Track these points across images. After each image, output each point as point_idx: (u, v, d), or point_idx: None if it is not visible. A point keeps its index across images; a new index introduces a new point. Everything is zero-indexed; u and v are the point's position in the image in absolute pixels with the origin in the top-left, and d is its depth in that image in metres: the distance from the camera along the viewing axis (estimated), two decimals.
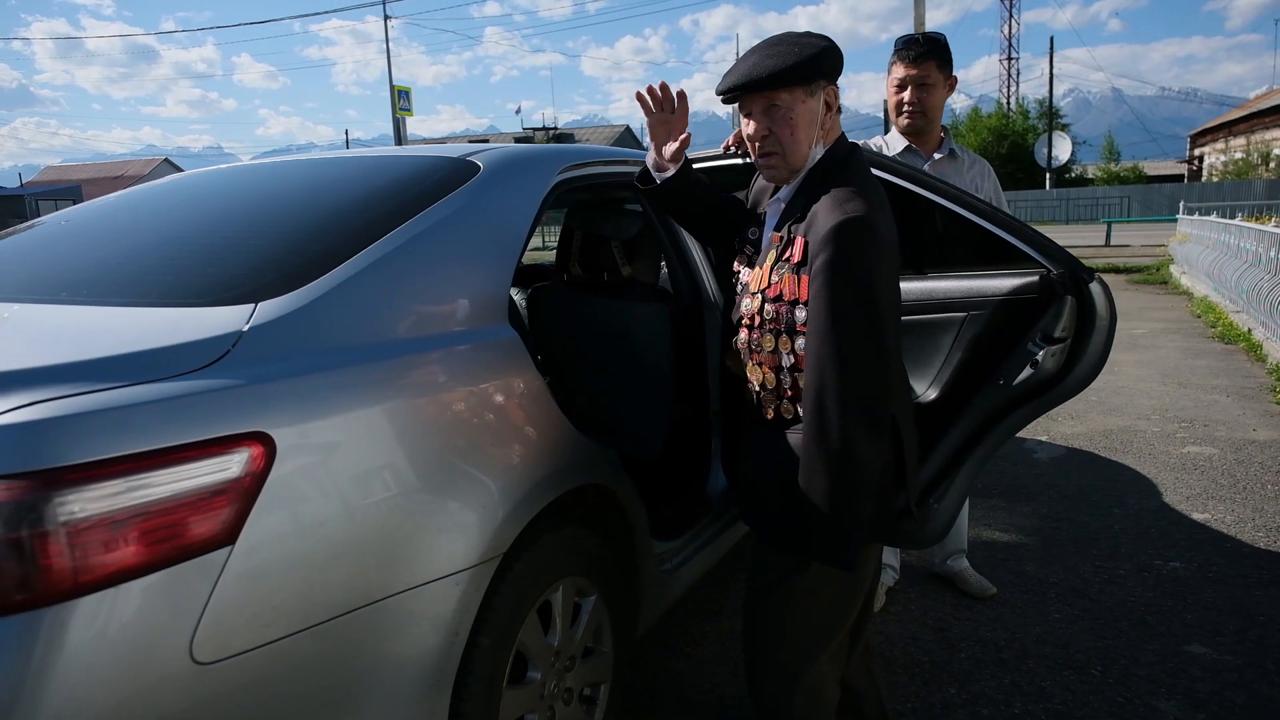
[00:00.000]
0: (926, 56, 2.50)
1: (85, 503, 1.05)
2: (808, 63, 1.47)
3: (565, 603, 1.77)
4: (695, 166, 2.35)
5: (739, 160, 2.24)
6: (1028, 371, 1.95)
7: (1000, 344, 2.01)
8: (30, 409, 1.06)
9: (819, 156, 1.53)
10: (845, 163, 1.52)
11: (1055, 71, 35.77)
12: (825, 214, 1.40)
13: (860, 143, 2.68)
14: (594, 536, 1.84)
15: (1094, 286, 1.90)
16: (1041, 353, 1.92)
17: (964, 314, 2.10)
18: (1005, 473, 4.09)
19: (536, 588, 1.64)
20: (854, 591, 1.58)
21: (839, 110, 1.56)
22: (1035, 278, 1.94)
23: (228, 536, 1.15)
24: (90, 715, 1.03)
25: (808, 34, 1.55)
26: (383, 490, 1.34)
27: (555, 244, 2.80)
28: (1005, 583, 2.93)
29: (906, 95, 2.56)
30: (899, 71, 2.56)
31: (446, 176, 1.83)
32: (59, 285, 1.64)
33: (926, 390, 2.14)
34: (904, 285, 2.20)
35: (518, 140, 47.02)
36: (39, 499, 1.02)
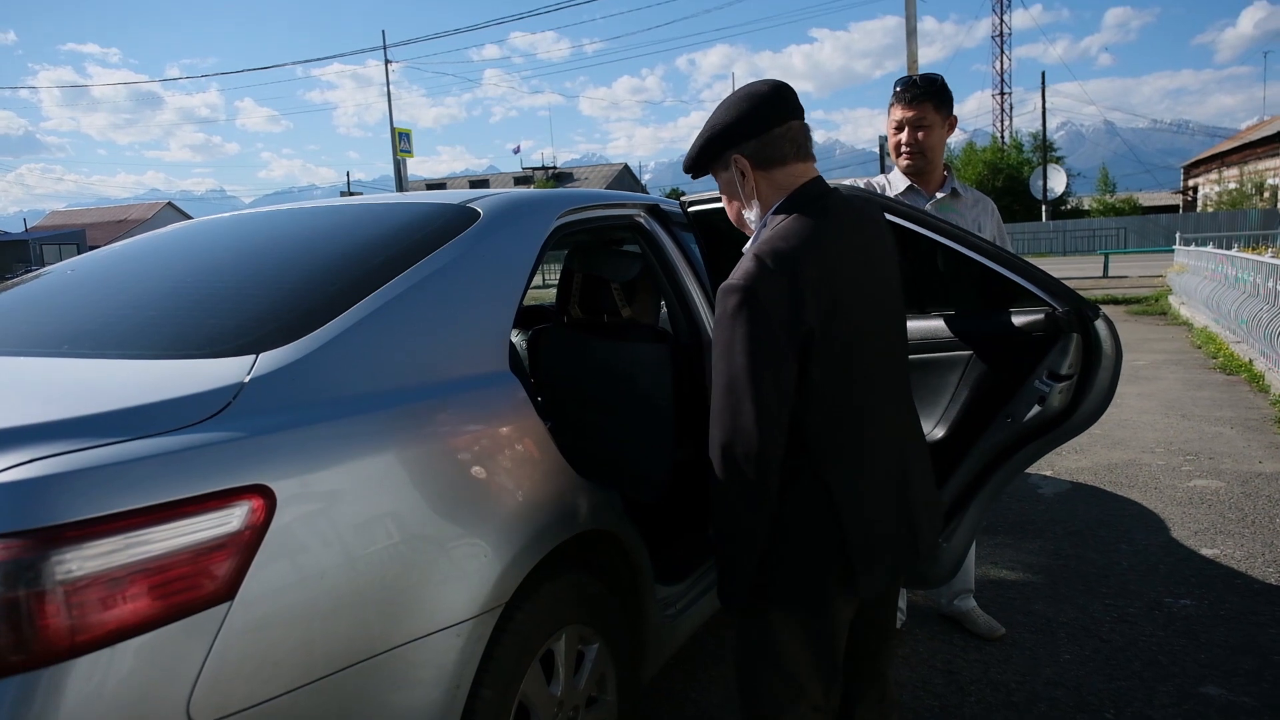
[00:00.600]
0: (923, 98, 2.54)
1: (83, 560, 1.04)
2: (701, 151, 1.58)
3: (568, 651, 1.74)
4: (710, 207, 2.37)
5: None
6: (1035, 409, 1.95)
7: (1006, 382, 2.01)
8: (28, 466, 1.05)
9: (766, 213, 1.55)
10: (788, 211, 1.51)
11: (1048, 105, 36.29)
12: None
13: (863, 181, 2.71)
14: (597, 583, 1.82)
15: (1099, 323, 1.91)
16: (1048, 390, 1.93)
17: (969, 352, 2.11)
18: (1011, 509, 4.06)
19: (539, 637, 1.62)
20: (813, 640, 1.53)
21: (778, 160, 1.53)
22: (1041, 315, 1.95)
23: (227, 592, 1.13)
24: None
25: (726, 102, 1.57)
26: (384, 540, 1.33)
27: (555, 282, 2.81)
28: (1014, 623, 2.89)
29: (904, 136, 2.59)
30: (897, 113, 2.59)
31: (446, 223, 1.85)
32: (60, 338, 1.64)
33: (934, 429, 2.13)
34: (910, 325, 2.20)
35: (517, 180, 47.49)
36: (37, 558, 1.01)
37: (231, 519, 1.16)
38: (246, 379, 1.29)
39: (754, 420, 1.39)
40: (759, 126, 1.53)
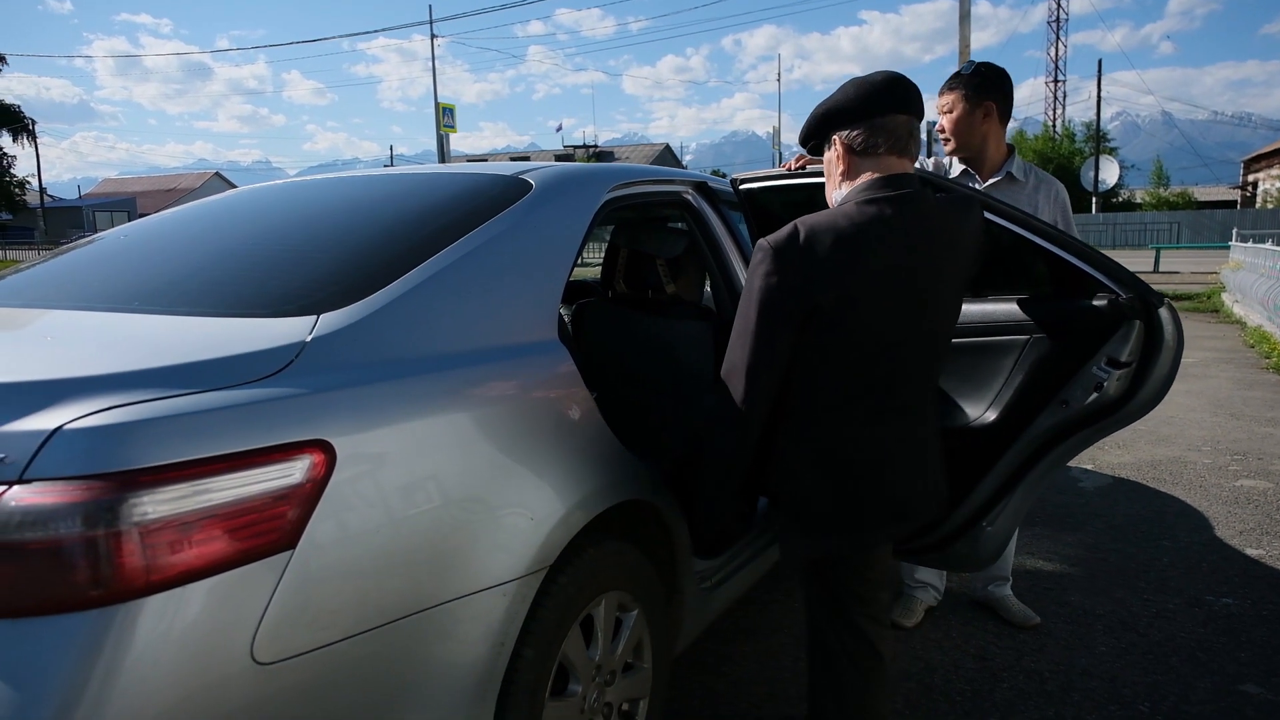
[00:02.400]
0: (955, 86, 2.60)
1: (157, 504, 1.08)
2: (810, 128, 1.73)
3: (607, 617, 1.78)
4: (761, 186, 2.39)
5: (801, 181, 2.28)
6: (1092, 395, 1.94)
7: (1062, 367, 2.00)
8: (108, 413, 1.10)
9: (843, 196, 1.67)
10: (860, 198, 1.61)
11: (1103, 94, 35.27)
12: None
13: (931, 162, 2.73)
14: (637, 552, 1.85)
15: (1163, 311, 1.89)
16: (1106, 377, 1.91)
17: (1027, 337, 2.09)
18: (1049, 500, 4.02)
19: (580, 601, 1.66)
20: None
21: (871, 150, 1.63)
22: (1104, 301, 1.93)
23: (289, 541, 1.18)
24: (155, 710, 1.06)
25: (843, 85, 1.70)
26: (436, 499, 1.37)
27: (596, 260, 2.83)
28: (1049, 613, 2.87)
29: (939, 123, 2.67)
30: (937, 102, 2.67)
31: (500, 194, 1.87)
32: (131, 295, 1.70)
33: (985, 412, 2.12)
34: (967, 308, 2.19)
35: (558, 157, 47.57)
36: (115, 500, 1.06)
37: (294, 471, 1.20)
38: (308, 338, 1.34)
39: (746, 364, 1.59)
40: (862, 114, 1.63)
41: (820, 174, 1.89)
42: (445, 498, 1.38)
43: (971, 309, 2.16)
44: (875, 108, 1.62)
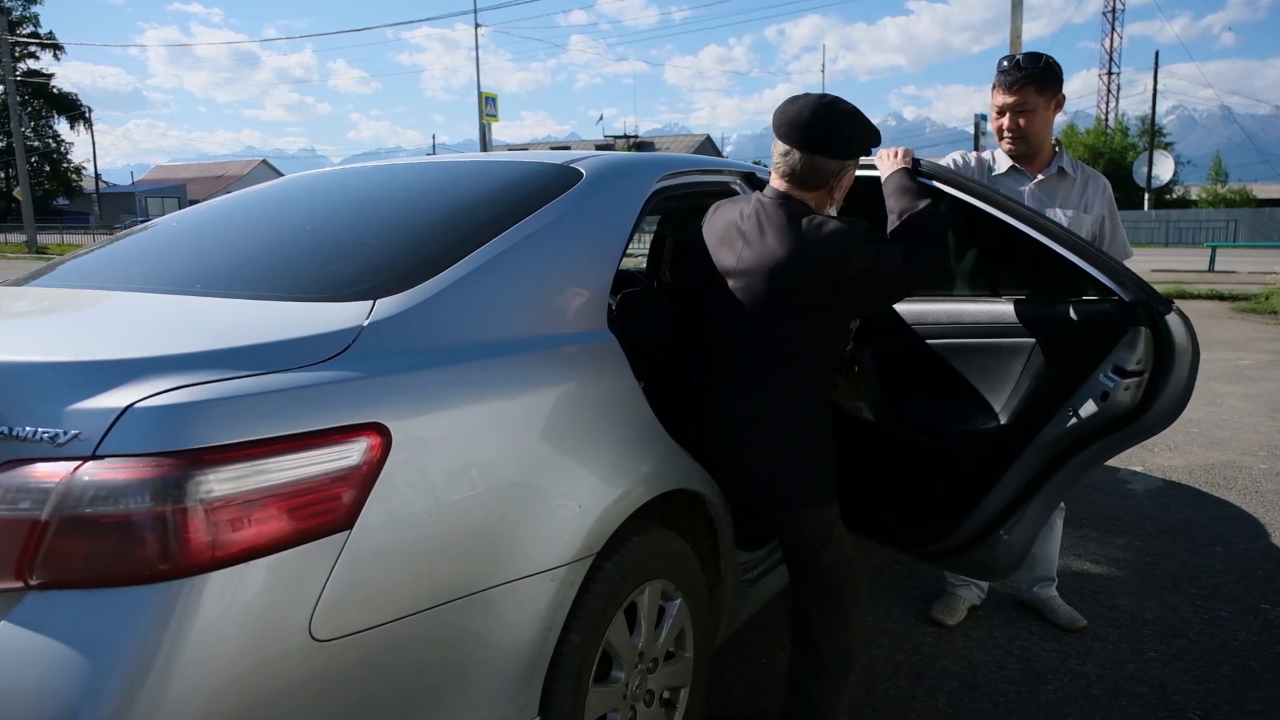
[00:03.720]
0: (1025, 82, 2.44)
1: (222, 483, 1.12)
2: None
3: (651, 605, 1.78)
4: None
5: None
6: (1098, 405, 1.86)
7: (1071, 373, 1.92)
8: (176, 393, 1.13)
9: None
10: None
11: (1159, 87, 34.30)
12: None
13: (974, 156, 2.64)
14: (681, 541, 1.86)
15: (1171, 318, 1.80)
16: (1113, 385, 1.83)
17: (1033, 340, 2.03)
18: (1096, 502, 3.94)
19: (625, 588, 1.67)
20: None
21: None
22: (1108, 305, 1.86)
23: (346, 521, 1.21)
24: (218, 681, 1.09)
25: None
26: (488, 484, 1.39)
27: (639, 251, 2.81)
28: (1096, 616, 2.82)
29: (1006, 122, 2.52)
30: (998, 98, 2.51)
31: (552, 182, 1.88)
32: (193, 279, 1.74)
33: (997, 416, 2.06)
34: (975, 308, 2.16)
35: (598, 147, 47.54)
36: (182, 477, 1.09)
37: (351, 454, 1.22)
38: (365, 323, 1.36)
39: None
40: None
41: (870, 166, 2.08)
42: (496, 483, 1.40)
43: (981, 308, 2.11)
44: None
